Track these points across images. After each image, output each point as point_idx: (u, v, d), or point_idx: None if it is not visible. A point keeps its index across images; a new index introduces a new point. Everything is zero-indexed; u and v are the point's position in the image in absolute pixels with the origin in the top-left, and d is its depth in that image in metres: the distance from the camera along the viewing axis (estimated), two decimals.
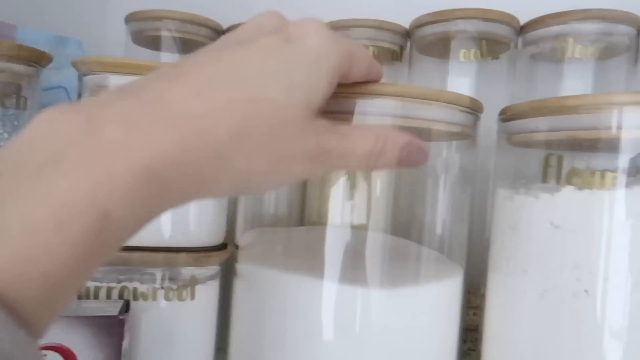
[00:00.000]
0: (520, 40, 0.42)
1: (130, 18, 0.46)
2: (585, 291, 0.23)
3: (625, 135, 0.23)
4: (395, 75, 0.45)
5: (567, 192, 0.24)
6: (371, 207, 0.30)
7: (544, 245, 0.25)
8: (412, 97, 0.26)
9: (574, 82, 0.39)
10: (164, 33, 0.46)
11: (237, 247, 0.32)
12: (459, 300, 0.30)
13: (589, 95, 0.24)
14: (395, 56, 0.44)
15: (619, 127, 0.23)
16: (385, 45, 0.44)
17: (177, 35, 0.46)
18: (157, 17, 0.45)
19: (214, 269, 0.32)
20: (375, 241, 0.29)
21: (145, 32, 0.47)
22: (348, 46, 0.20)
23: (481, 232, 0.32)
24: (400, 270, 0.29)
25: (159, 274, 0.30)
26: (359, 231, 0.29)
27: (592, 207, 0.23)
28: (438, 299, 0.29)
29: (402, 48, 0.44)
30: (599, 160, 0.25)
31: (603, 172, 0.23)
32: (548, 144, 0.26)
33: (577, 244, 0.24)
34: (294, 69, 0.18)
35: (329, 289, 0.27)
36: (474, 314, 0.35)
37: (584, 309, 0.23)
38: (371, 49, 0.43)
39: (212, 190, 0.17)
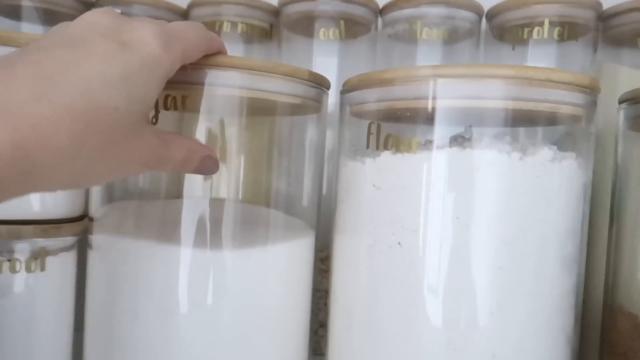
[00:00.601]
0: (380, 22, 0.45)
1: None
2: (399, 243, 0.26)
3: (435, 105, 0.26)
4: (266, 53, 0.46)
5: (385, 157, 0.27)
6: (225, 178, 0.32)
7: (368, 205, 0.28)
8: (254, 70, 0.27)
9: (425, 62, 0.42)
10: (25, 2, 0.44)
11: (91, 219, 0.32)
12: (310, 261, 0.33)
13: (402, 69, 0.26)
14: (265, 34, 0.45)
15: (428, 98, 0.26)
16: (256, 22, 0.45)
17: (39, 5, 0.44)
18: None
19: (66, 240, 0.32)
20: (227, 208, 0.30)
21: (4, 0, 0.44)
22: (181, 45, 0.22)
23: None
24: (251, 233, 0.31)
25: (4, 246, 0.30)
26: (212, 200, 0.30)
27: (403, 170, 0.26)
28: (288, 258, 0.31)
29: (272, 26, 0.46)
30: (423, 128, 0.28)
31: (411, 139, 0.26)
32: (375, 114, 0.29)
33: (392, 203, 0.27)
34: (131, 79, 0.19)
35: (181, 254, 0.28)
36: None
37: (399, 259, 0.26)
38: (241, 26, 0.44)
39: (46, 188, 0.18)
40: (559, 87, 0.25)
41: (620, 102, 0.31)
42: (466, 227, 0.25)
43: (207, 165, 0.25)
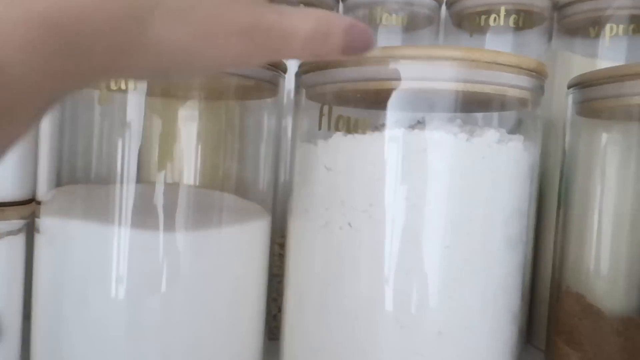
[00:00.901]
0: (341, 7, 0.44)
1: None
2: (349, 224, 0.26)
3: (386, 87, 0.26)
4: None
5: (336, 138, 0.27)
6: (178, 162, 0.31)
7: (320, 187, 0.28)
8: None
9: None
10: None
11: (39, 202, 0.31)
12: (265, 244, 0.33)
13: None
14: None
15: (379, 79, 0.26)
16: None
17: None
18: None
19: (13, 223, 0.31)
20: (180, 192, 0.30)
21: None
22: None
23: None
24: (204, 216, 0.31)
25: None
26: (165, 185, 0.30)
27: (353, 151, 0.26)
28: (242, 241, 0.31)
29: None
30: (375, 110, 0.28)
31: (362, 120, 0.26)
32: (329, 97, 0.29)
33: (342, 184, 0.27)
34: None
35: (132, 237, 0.28)
36: None
37: (349, 240, 0.26)
38: None
39: (131, 62, 0.14)
40: (506, 70, 0.26)
41: (568, 87, 0.32)
42: (414, 207, 0.25)
43: (357, 38, 0.17)
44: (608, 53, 0.39)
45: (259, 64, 0.17)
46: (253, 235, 0.32)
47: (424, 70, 0.26)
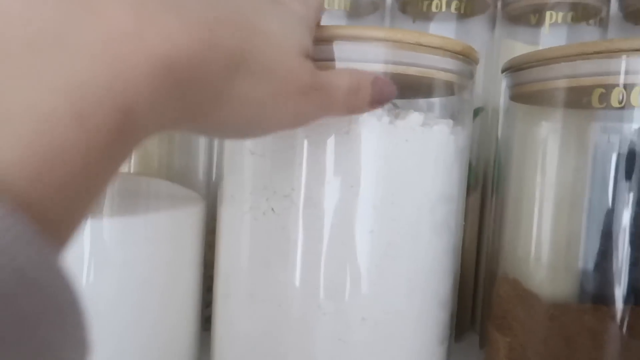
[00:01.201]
0: None
1: None
2: (272, 209, 0.26)
3: None
4: None
5: None
6: None
7: (245, 172, 0.27)
8: None
9: None
10: None
11: None
12: (198, 231, 0.32)
13: None
14: None
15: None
16: None
17: None
18: None
19: None
20: None
21: None
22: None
23: None
24: (133, 202, 0.30)
25: None
26: None
27: (274, 134, 0.26)
28: (172, 227, 0.30)
29: None
30: None
31: None
32: None
33: (265, 168, 0.26)
34: (284, 15, 0.19)
35: None
36: None
37: (272, 225, 0.26)
38: None
39: (220, 113, 0.16)
40: (430, 52, 0.25)
41: (502, 72, 0.31)
42: (336, 192, 0.25)
43: (384, 90, 0.21)
44: (548, 40, 0.39)
45: (309, 122, 0.20)
46: (185, 222, 0.31)
47: (350, 51, 0.25)
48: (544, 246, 0.32)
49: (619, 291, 0.29)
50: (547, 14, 0.39)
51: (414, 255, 0.26)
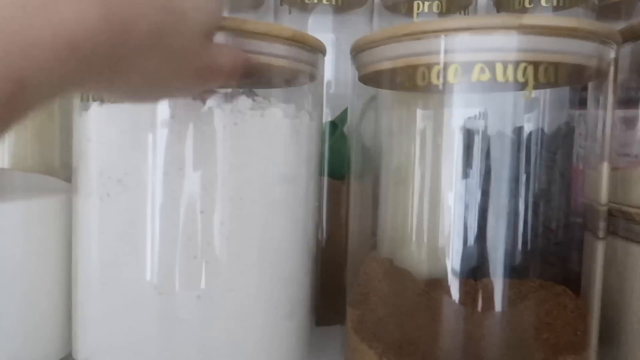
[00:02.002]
0: None
1: None
2: (108, 194, 0.26)
3: None
4: None
5: (94, 108, 0.27)
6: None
7: (83, 158, 0.28)
8: None
9: None
10: None
11: None
12: (65, 219, 0.32)
13: None
14: None
15: None
16: None
17: None
18: None
19: None
20: None
21: None
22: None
23: None
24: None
25: None
26: None
27: (104, 120, 0.26)
28: (30, 215, 0.30)
29: None
30: None
31: None
32: None
33: (100, 154, 0.27)
34: None
35: None
36: None
37: (108, 209, 0.27)
38: None
39: (122, 81, 0.18)
40: (260, 39, 0.26)
41: (350, 53, 0.32)
42: (166, 175, 0.26)
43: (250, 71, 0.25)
44: None
45: (195, 93, 0.24)
46: (47, 210, 0.31)
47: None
48: (412, 228, 0.34)
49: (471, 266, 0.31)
50: (415, 4, 0.40)
51: (248, 234, 0.27)
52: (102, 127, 0.26)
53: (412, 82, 0.28)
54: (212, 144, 0.26)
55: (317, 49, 0.30)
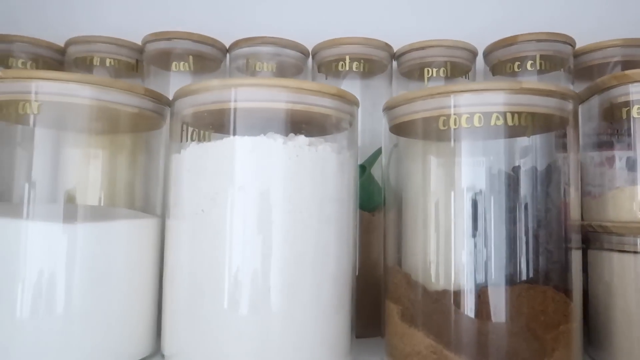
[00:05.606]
0: (228, 58, 0.55)
1: None
2: (202, 210, 0.35)
3: (232, 107, 0.36)
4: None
5: (192, 146, 0.36)
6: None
7: (184, 186, 0.37)
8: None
9: None
10: None
11: None
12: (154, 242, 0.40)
13: (205, 82, 0.36)
14: (132, 68, 0.54)
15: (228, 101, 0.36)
16: (123, 59, 0.54)
17: None
18: None
19: None
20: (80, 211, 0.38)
21: None
22: None
23: None
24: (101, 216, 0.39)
25: None
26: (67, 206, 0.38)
27: (203, 154, 0.36)
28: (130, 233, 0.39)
29: (137, 61, 0.55)
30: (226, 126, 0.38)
31: (208, 132, 0.35)
32: (190, 117, 0.38)
33: (197, 180, 0.36)
34: None
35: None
36: None
37: (203, 224, 0.35)
38: (109, 60, 0.53)
39: None
40: (313, 94, 0.36)
41: (383, 110, 0.42)
42: (247, 195, 0.34)
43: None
44: None
45: None
46: (145, 228, 0.40)
47: (259, 94, 0.36)
48: (428, 251, 0.42)
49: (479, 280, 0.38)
50: (425, 70, 0.51)
51: (306, 239, 0.35)
52: (200, 159, 0.36)
53: (433, 128, 0.37)
54: (284, 171, 0.35)
55: (354, 103, 0.40)
